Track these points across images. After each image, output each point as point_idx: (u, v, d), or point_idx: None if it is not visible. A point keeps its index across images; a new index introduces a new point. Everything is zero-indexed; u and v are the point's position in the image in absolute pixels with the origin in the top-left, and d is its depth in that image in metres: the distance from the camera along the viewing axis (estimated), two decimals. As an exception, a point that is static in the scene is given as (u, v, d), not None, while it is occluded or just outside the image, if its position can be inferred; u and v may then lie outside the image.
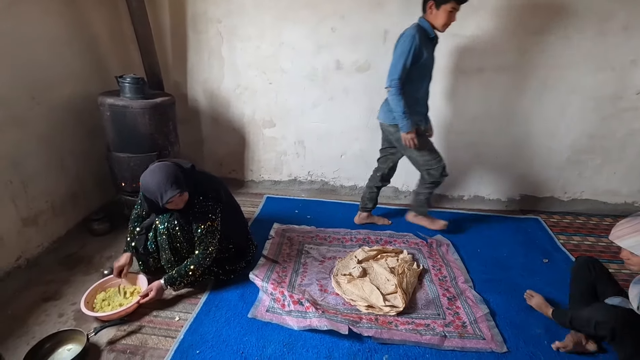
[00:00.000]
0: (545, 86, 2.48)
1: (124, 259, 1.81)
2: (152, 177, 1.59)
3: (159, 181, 1.57)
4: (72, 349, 1.51)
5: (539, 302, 1.79)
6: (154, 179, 1.58)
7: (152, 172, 1.61)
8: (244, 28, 2.54)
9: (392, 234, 2.41)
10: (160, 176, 1.57)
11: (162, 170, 1.59)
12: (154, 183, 1.57)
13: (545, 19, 2.30)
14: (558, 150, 2.65)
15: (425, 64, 2.04)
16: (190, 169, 1.73)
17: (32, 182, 1.97)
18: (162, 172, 1.59)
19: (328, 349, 1.56)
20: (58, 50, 2.11)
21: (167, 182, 1.56)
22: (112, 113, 2.11)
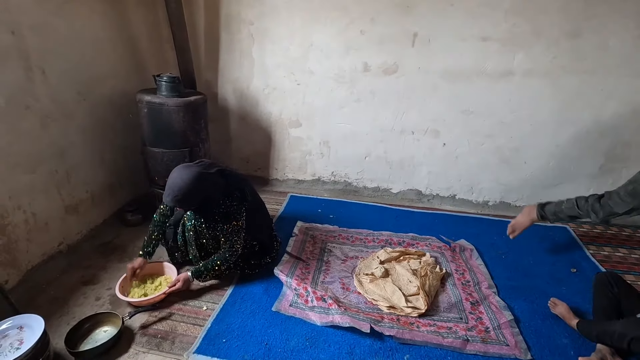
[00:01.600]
0: (578, 92, 2.42)
1: (138, 263, 1.83)
2: (170, 177, 1.66)
3: (170, 185, 1.63)
4: (109, 331, 1.60)
5: (563, 311, 1.75)
6: (170, 179, 1.65)
7: (174, 173, 1.67)
8: (275, 29, 2.61)
9: (415, 236, 2.41)
10: (173, 181, 1.63)
11: (178, 177, 1.64)
12: (168, 183, 1.64)
13: (579, 21, 2.24)
14: (591, 158, 2.58)
15: None
16: (216, 173, 1.77)
17: (75, 172, 2.10)
18: (177, 179, 1.63)
19: (350, 346, 1.59)
20: (102, 49, 2.24)
21: (173, 191, 1.62)
22: (149, 110, 2.22)
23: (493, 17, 2.32)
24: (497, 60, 2.42)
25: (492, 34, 2.36)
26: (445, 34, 2.40)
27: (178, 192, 1.61)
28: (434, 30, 2.41)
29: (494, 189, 2.80)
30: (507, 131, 2.60)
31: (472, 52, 2.42)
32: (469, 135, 2.66)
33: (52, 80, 1.91)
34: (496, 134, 2.62)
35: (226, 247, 1.82)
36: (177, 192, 1.61)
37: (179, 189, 1.61)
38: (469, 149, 2.70)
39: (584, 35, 2.27)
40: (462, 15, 2.34)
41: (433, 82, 2.55)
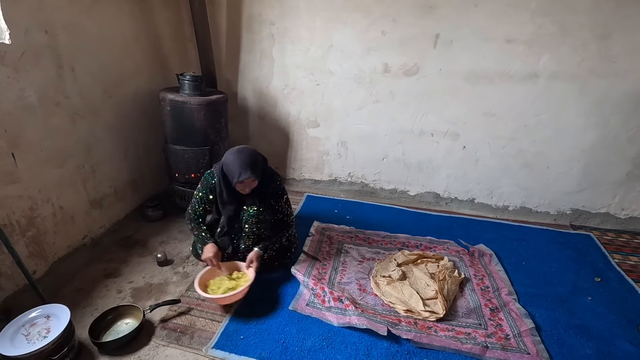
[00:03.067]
0: (606, 96, 2.34)
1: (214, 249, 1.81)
2: (237, 155, 1.73)
3: (243, 161, 1.70)
4: (130, 323, 1.64)
5: None
6: (239, 157, 1.72)
7: (239, 151, 1.77)
8: (295, 30, 2.63)
9: (432, 240, 2.39)
10: (244, 157, 1.72)
11: (247, 153, 1.75)
12: (238, 160, 1.71)
13: (610, 21, 2.17)
14: (618, 164, 2.49)
15: None
16: (264, 158, 1.87)
17: (100, 168, 2.16)
18: (247, 154, 1.75)
19: (366, 347, 1.59)
20: (129, 48, 2.30)
21: (248, 164, 1.70)
22: (172, 108, 2.26)
23: (518, 18, 2.27)
24: (521, 63, 2.36)
25: (517, 36, 2.31)
26: (469, 35, 2.37)
27: (253, 163, 1.72)
28: (457, 31, 2.38)
29: (514, 193, 2.74)
30: (530, 135, 2.54)
31: (496, 53, 2.37)
32: (490, 139, 2.61)
33: (81, 78, 1.97)
34: (518, 137, 2.57)
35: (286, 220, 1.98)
36: (252, 164, 1.71)
37: (253, 159, 1.73)
38: (489, 152, 2.65)
39: (614, 36, 2.19)
40: (486, 16, 2.30)
41: (454, 84, 2.51)
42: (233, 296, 1.70)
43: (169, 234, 2.36)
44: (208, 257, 1.81)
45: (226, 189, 1.82)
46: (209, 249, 1.83)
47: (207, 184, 1.89)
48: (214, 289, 1.78)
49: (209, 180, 1.89)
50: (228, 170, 1.75)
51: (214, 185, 1.88)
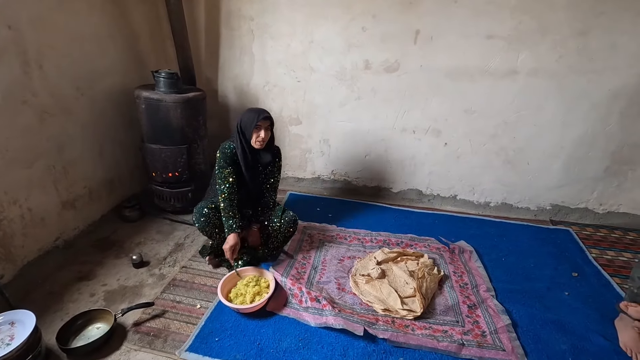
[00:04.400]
0: (584, 92, 2.36)
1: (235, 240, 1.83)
2: (252, 109, 1.93)
3: (259, 110, 1.89)
4: (101, 328, 1.60)
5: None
6: (254, 109, 1.91)
7: (252, 107, 1.98)
8: (275, 26, 2.58)
9: (414, 237, 2.38)
10: (259, 108, 1.92)
11: (261, 108, 1.95)
12: (254, 110, 1.90)
13: (588, 19, 2.18)
14: (596, 160, 2.52)
15: None
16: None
17: (73, 168, 2.10)
18: (261, 108, 1.94)
19: (343, 347, 1.57)
20: (102, 44, 2.23)
21: (264, 111, 1.88)
22: (147, 106, 2.21)
23: (498, 15, 2.26)
24: (501, 59, 2.36)
25: (497, 32, 2.30)
26: (449, 31, 2.35)
27: (267, 111, 1.89)
28: (437, 27, 2.36)
29: (496, 190, 2.76)
30: (510, 131, 2.55)
31: (476, 50, 2.37)
32: (471, 135, 2.62)
33: (51, 75, 1.90)
34: (499, 134, 2.57)
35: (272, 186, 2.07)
36: (267, 111, 1.89)
37: (266, 110, 1.90)
38: (471, 149, 2.66)
39: (592, 33, 2.21)
40: (466, 13, 2.29)
41: (435, 81, 2.50)
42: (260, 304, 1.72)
43: (147, 235, 2.32)
44: (228, 246, 1.82)
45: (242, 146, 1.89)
46: (231, 238, 1.83)
47: (229, 152, 1.90)
48: (237, 295, 1.78)
49: (226, 150, 1.90)
50: (245, 122, 1.86)
51: (234, 151, 1.91)
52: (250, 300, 1.74)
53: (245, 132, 1.87)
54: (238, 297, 1.76)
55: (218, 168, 1.89)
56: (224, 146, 1.91)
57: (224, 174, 1.88)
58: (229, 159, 1.89)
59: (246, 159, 1.92)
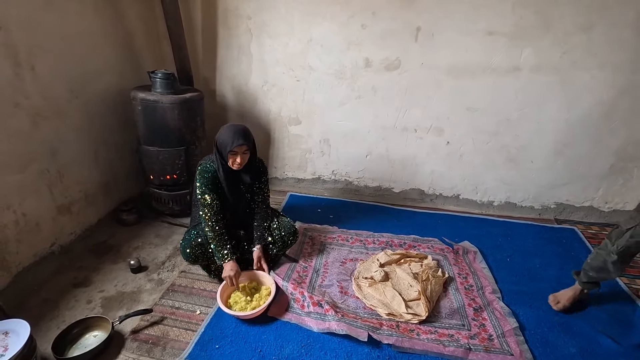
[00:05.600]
0: (588, 89, 2.31)
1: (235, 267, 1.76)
2: (231, 127, 1.76)
3: (235, 131, 1.72)
4: (98, 336, 1.56)
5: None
6: (232, 128, 1.75)
7: (232, 125, 1.79)
8: (273, 24, 2.53)
9: (417, 238, 2.34)
10: (238, 128, 1.75)
11: (241, 126, 1.78)
12: (231, 131, 1.73)
13: (591, 13, 2.13)
14: (601, 157, 2.48)
15: None
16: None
17: (68, 172, 2.06)
18: (240, 126, 1.77)
19: (346, 353, 1.53)
20: (96, 45, 2.18)
21: (241, 134, 1.72)
22: (144, 107, 2.16)
23: (500, 10, 2.22)
24: (503, 56, 2.32)
25: (499, 28, 2.26)
26: (450, 28, 2.31)
27: (245, 133, 1.74)
28: (438, 24, 2.32)
29: (499, 188, 2.71)
30: (513, 129, 2.51)
31: (478, 47, 2.32)
32: (473, 134, 2.57)
33: (43, 77, 1.86)
34: (502, 132, 2.53)
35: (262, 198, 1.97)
36: (245, 133, 1.74)
37: (245, 131, 1.76)
38: (473, 147, 2.61)
39: (596, 28, 2.16)
40: (467, 9, 2.25)
41: (437, 79, 2.46)
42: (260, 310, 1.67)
43: (145, 239, 2.27)
44: (229, 275, 1.73)
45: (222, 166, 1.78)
46: (231, 266, 1.74)
47: (208, 175, 1.78)
48: (237, 301, 1.73)
49: (205, 173, 1.78)
50: (222, 143, 1.73)
51: (215, 171, 1.79)
52: (250, 307, 1.69)
53: (222, 153, 1.74)
54: (238, 304, 1.71)
55: (199, 193, 1.77)
56: (203, 168, 1.79)
57: (206, 200, 1.75)
58: (210, 182, 1.77)
59: (228, 179, 1.81)
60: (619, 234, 1.60)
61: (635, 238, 1.53)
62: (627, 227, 1.56)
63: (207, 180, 1.77)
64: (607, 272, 1.65)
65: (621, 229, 1.60)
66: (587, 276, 1.73)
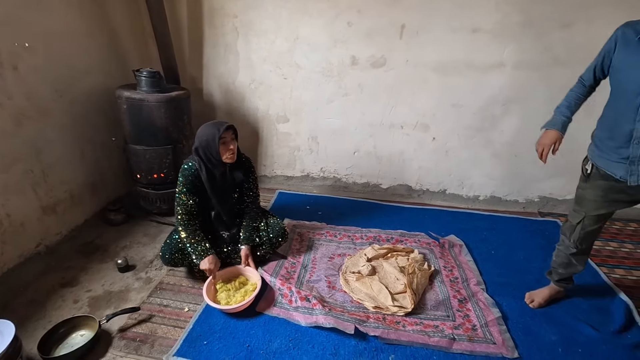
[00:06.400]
0: (569, 84, 2.35)
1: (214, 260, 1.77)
2: (208, 123, 1.76)
3: (215, 122, 1.75)
4: (85, 335, 1.55)
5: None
6: (209, 123, 1.75)
7: (208, 123, 1.78)
8: (259, 23, 2.54)
9: (404, 233, 2.37)
10: (215, 121, 1.77)
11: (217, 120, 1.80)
12: (210, 124, 1.73)
13: (571, 11, 2.18)
14: (582, 151, 2.52)
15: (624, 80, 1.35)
16: None
17: (53, 172, 2.04)
18: (217, 121, 1.79)
19: (334, 346, 1.56)
20: (80, 44, 2.16)
21: (222, 122, 1.74)
22: (129, 106, 2.15)
23: (483, 8, 2.26)
24: (487, 52, 2.36)
25: (483, 25, 2.30)
26: (434, 25, 2.35)
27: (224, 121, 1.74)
28: (422, 21, 2.35)
29: (484, 183, 2.76)
30: (497, 125, 2.56)
31: (462, 44, 2.36)
32: (459, 130, 2.62)
33: (26, 76, 1.84)
34: (487, 127, 2.58)
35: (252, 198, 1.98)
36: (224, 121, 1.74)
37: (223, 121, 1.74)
38: (459, 143, 2.66)
39: (576, 26, 2.22)
40: (451, 6, 2.28)
41: (422, 75, 2.49)
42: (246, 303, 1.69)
43: (133, 238, 2.27)
44: (209, 268, 1.74)
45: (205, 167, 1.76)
46: (209, 260, 1.75)
47: (189, 174, 1.77)
48: (223, 297, 1.74)
49: (186, 171, 1.77)
50: (207, 140, 1.70)
51: (197, 171, 1.78)
52: (235, 300, 1.71)
53: (209, 150, 1.72)
54: (225, 298, 1.72)
55: (177, 192, 1.77)
56: (185, 167, 1.78)
57: (181, 199, 1.76)
58: (190, 182, 1.76)
59: (212, 180, 1.79)
60: (570, 228, 1.64)
61: (586, 229, 1.57)
62: (576, 222, 1.59)
63: (186, 179, 1.78)
64: (574, 266, 1.69)
65: (571, 223, 1.63)
66: (557, 274, 1.77)
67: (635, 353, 1.56)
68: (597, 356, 1.55)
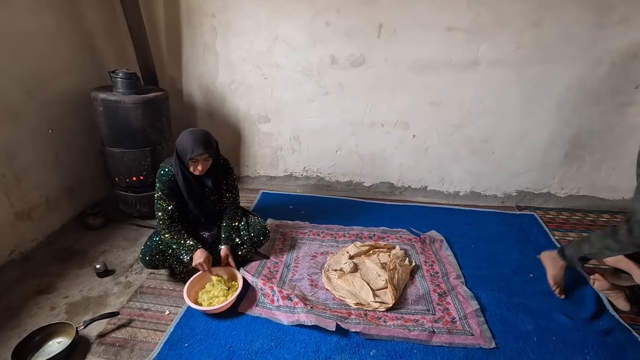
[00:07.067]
0: (541, 81, 2.44)
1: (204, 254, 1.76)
2: (191, 133, 1.71)
3: (196, 138, 1.68)
4: (62, 342, 1.52)
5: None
6: (192, 135, 1.69)
7: (192, 130, 1.74)
8: (238, 22, 2.53)
9: (386, 230, 2.40)
10: (198, 134, 1.70)
11: (201, 132, 1.73)
12: (191, 138, 1.68)
13: (541, 10, 2.25)
14: (556, 146, 2.62)
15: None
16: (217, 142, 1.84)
17: (26, 176, 1.99)
18: (201, 133, 1.72)
19: (316, 344, 1.57)
20: (52, 45, 2.11)
21: (202, 141, 1.68)
22: (105, 108, 2.12)
23: (457, 7, 2.30)
24: (463, 51, 2.41)
25: (457, 24, 2.35)
26: (411, 24, 2.38)
27: (206, 140, 1.70)
28: (400, 20, 2.38)
29: (464, 179, 2.82)
30: (475, 122, 2.61)
31: (438, 42, 2.41)
32: (438, 127, 2.66)
33: (-5, 79, 1.79)
34: (465, 124, 2.63)
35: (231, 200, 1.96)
36: (206, 140, 1.70)
37: (206, 137, 1.71)
38: (438, 140, 2.70)
39: (545, 24, 2.28)
40: (426, 6, 2.32)
41: (401, 74, 2.53)
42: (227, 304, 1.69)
43: (112, 242, 2.23)
44: (199, 262, 1.73)
45: (182, 172, 1.74)
46: (199, 255, 1.75)
47: (166, 179, 1.77)
48: (204, 298, 1.73)
49: (163, 177, 1.77)
50: (182, 150, 1.69)
51: (173, 176, 1.77)
52: (218, 302, 1.70)
53: (183, 159, 1.71)
54: (206, 300, 1.71)
55: (156, 197, 1.77)
56: (161, 172, 1.77)
57: (162, 205, 1.76)
58: (167, 187, 1.76)
59: (188, 185, 1.79)
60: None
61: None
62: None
63: (164, 184, 1.76)
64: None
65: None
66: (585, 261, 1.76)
67: (606, 338, 1.62)
68: (570, 343, 1.60)
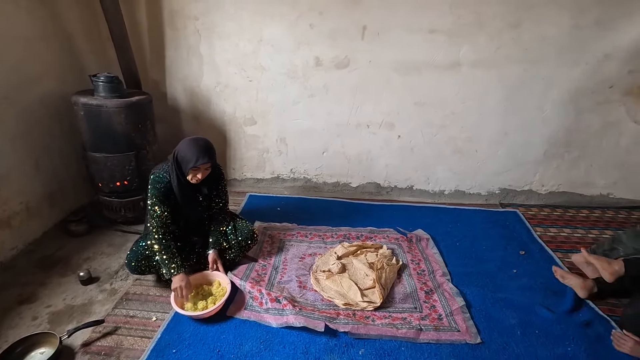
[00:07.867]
0: (521, 81, 2.51)
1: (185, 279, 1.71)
2: (195, 142, 1.71)
3: (200, 147, 1.69)
4: (45, 352, 1.49)
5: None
6: (196, 144, 1.70)
7: (195, 139, 1.75)
8: (222, 25, 2.52)
9: (373, 230, 2.43)
10: (202, 143, 1.72)
11: (204, 141, 1.75)
12: (195, 147, 1.68)
13: (519, 11, 2.31)
14: (536, 144, 2.69)
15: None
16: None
17: (4, 184, 1.94)
18: (204, 142, 1.74)
19: (305, 345, 1.57)
20: (32, 49, 2.07)
21: (206, 151, 1.70)
22: (86, 112, 2.08)
23: (439, 9, 2.35)
24: (445, 52, 2.46)
25: (439, 26, 2.39)
26: (394, 26, 2.41)
27: (210, 149, 1.72)
28: (383, 22, 2.42)
29: (449, 178, 2.87)
30: (458, 121, 2.66)
31: (421, 44, 2.45)
32: (422, 127, 2.70)
33: (-30, 84, 1.74)
34: (448, 124, 2.68)
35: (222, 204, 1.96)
36: (210, 149, 1.72)
37: (209, 146, 1.73)
38: (423, 140, 2.75)
39: (524, 25, 2.35)
40: (408, 9, 2.36)
41: (385, 75, 2.56)
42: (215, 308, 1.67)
43: (96, 249, 2.19)
44: (177, 287, 1.69)
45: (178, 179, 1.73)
46: (179, 279, 1.69)
47: (161, 186, 1.73)
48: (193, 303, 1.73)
49: (157, 183, 1.74)
50: (183, 157, 1.68)
51: (168, 182, 1.74)
52: (203, 307, 1.69)
53: (182, 166, 1.70)
54: (194, 305, 1.70)
55: (149, 204, 1.74)
56: (155, 178, 1.75)
57: (155, 212, 1.73)
58: (162, 194, 1.74)
59: (183, 192, 1.77)
60: None
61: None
62: None
63: (158, 191, 1.74)
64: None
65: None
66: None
67: (586, 330, 1.68)
68: (552, 335, 1.65)
